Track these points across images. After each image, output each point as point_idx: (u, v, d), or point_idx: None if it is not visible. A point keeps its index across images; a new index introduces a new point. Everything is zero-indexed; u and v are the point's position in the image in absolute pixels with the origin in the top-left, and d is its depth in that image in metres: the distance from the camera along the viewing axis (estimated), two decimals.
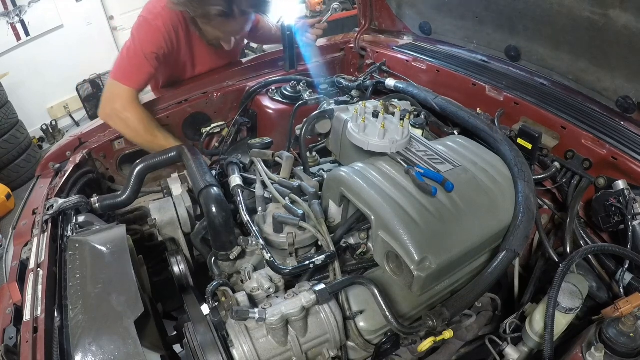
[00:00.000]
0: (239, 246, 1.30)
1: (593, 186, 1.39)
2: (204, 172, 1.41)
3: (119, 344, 0.95)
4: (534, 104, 1.59)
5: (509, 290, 1.36)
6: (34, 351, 0.97)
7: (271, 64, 2.32)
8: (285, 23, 2.21)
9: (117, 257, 1.16)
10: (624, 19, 1.32)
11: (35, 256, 1.23)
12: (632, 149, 1.34)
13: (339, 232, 1.24)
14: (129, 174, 1.54)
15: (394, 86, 1.92)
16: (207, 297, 1.10)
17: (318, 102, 1.93)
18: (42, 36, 5.02)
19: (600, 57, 1.48)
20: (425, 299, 1.19)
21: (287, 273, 1.17)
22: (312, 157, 1.63)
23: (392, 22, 2.32)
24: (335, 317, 1.10)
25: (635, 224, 1.24)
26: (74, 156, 1.80)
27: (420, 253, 1.02)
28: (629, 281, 1.22)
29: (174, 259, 1.40)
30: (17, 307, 1.11)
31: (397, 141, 1.28)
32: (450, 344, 1.28)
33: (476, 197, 1.19)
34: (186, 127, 2.10)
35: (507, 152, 1.34)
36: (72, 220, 1.39)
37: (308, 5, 5.48)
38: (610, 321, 0.98)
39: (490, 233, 1.16)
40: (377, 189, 1.16)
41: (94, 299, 1.05)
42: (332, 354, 1.12)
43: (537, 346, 1.14)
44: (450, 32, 2.05)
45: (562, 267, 1.11)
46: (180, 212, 1.47)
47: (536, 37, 1.66)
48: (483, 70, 1.86)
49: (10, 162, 4.25)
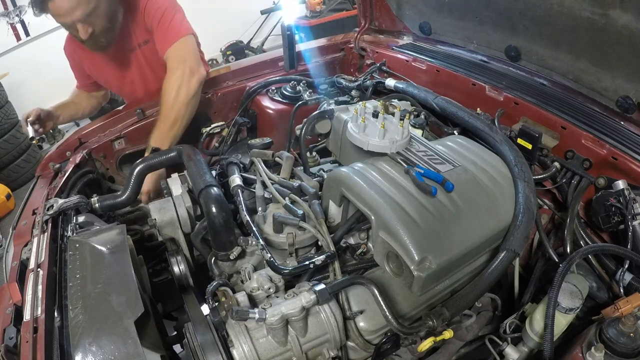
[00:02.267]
0: (239, 246, 1.30)
1: (593, 186, 1.39)
2: (204, 172, 1.41)
3: (119, 344, 0.95)
4: (534, 104, 1.59)
5: (509, 290, 1.36)
6: (34, 351, 0.97)
7: (271, 64, 2.32)
8: (285, 23, 2.21)
9: (117, 257, 1.16)
10: (624, 19, 1.32)
11: (35, 256, 1.23)
12: (632, 149, 1.34)
13: (339, 232, 1.24)
14: (129, 174, 1.53)
15: (394, 86, 1.92)
16: (207, 297, 1.10)
17: (318, 102, 1.93)
18: (42, 36, 5.01)
19: (600, 57, 1.48)
20: (425, 299, 1.19)
21: (287, 273, 1.17)
22: (312, 157, 1.63)
23: (392, 22, 2.32)
24: (335, 317, 1.10)
25: (635, 224, 1.24)
26: (74, 156, 1.81)
27: (420, 253, 1.02)
28: (629, 281, 1.22)
29: (174, 259, 1.40)
30: (17, 307, 1.11)
31: (397, 141, 1.28)
32: (450, 344, 1.28)
33: (476, 197, 1.19)
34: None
35: (507, 152, 1.33)
36: (72, 221, 1.39)
37: (308, 5, 5.48)
38: (610, 321, 0.98)
39: (490, 233, 1.16)
40: (377, 189, 1.16)
41: (94, 299, 1.05)
42: (332, 354, 1.12)
43: (537, 346, 1.14)
44: (450, 32, 2.05)
45: (562, 267, 1.11)
46: (180, 212, 1.47)
47: (536, 37, 1.66)
48: (483, 70, 1.86)
49: (10, 162, 4.24)
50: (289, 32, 2.18)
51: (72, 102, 2.27)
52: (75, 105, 2.27)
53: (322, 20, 5.26)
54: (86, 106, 2.32)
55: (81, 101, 2.30)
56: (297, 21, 5.21)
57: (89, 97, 2.32)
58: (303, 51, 2.35)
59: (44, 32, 5.02)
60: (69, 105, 2.24)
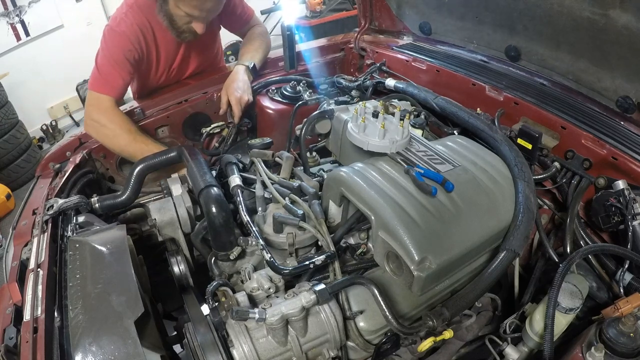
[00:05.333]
0: (239, 246, 1.30)
1: (593, 186, 1.39)
2: (204, 172, 1.41)
3: (119, 344, 0.95)
4: (534, 104, 1.59)
5: (509, 290, 1.36)
6: (34, 351, 0.97)
7: (271, 64, 2.32)
8: (285, 23, 2.21)
9: (117, 257, 1.16)
10: (624, 19, 1.32)
11: (35, 256, 1.23)
12: (632, 149, 1.34)
13: (339, 232, 1.24)
14: (129, 174, 1.54)
15: (394, 86, 1.92)
16: (207, 297, 1.10)
17: (318, 102, 1.93)
18: (42, 36, 5.01)
19: (600, 57, 1.48)
20: (425, 299, 1.19)
21: (287, 273, 1.17)
22: (312, 157, 1.63)
23: (392, 22, 2.32)
24: (335, 317, 1.10)
25: (635, 224, 1.24)
26: (74, 156, 1.80)
27: (420, 253, 1.02)
28: (629, 281, 1.22)
29: (174, 259, 1.41)
30: (17, 307, 1.11)
31: (397, 141, 1.28)
32: (450, 344, 1.28)
33: (476, 197, 1.19)
34: (186, 127, 2.10)
35: (507, 152, 1.33)
36: (72, 221, 1.39)
37: (308, 5, 5.48)
38: (610, 321, 0.98)
39: (490, 233, 1.16)
40: (377, 189, 1.16)
41: (94, 299, 1.05)
42: (332, 354, 1.12)
43: (537, 346, 1.14)
44: (450, 32, 2.05)
45: (562, 267, 1.11)
46: (180, 212, 1.47)
47: (536, 37, 1.66)
48: (483, 70, 1.86)
49: (10, 162, 4.24)
50: (289, 32, 2.17)
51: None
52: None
53: (322, 20, 5.26)
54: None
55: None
56: (297, 21, 5.21)
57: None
58: (303, 51, 2.35)
59: (44, 32, 5.02)
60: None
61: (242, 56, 2.17)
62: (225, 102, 1.98)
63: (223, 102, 1.98)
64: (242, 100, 1.94)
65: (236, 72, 2.03)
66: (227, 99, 1.96)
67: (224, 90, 1.99)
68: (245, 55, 2.15)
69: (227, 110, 2.00)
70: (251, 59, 2.12)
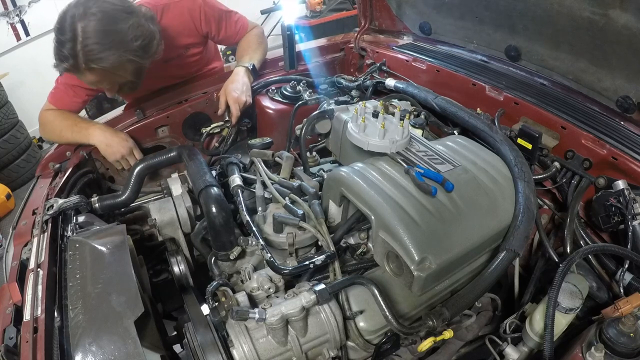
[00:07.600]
0: (239, 246, 1.30)
1: (593, 186, 1.39)
2: (204, 172, 1.41)
3: (119, 344, 0.95)
4: (534, 104, 1.59)
5: (509, 290, 1.36)
6: (34, 351, 0.97)
7: (271, 64, 2.32)
8: (285, 23, 2.21)
9: (117, 257, 1.17)
10: (624, 19, 1.32)
11: (35, 256, 1.23)
12: (632, 149, 1.34)
13: (339, 232, 1.24)
14: (129, 174, 1.54)
15: (394, 86, 1.92)
16: (207, 297, 1.10)
17: (318, 102, 1.93)
18: (42, 36, 5.01)
19: (600, 57, 1.47)
20: (425, 299, 1.19)
21: (287, 273, 1.17)
22: (312, 157, 1.63)
23: (392, 22, 2.31)
24: (335, 317, 1.10)
25: (635, 224, 1.24)
26: (74, 156, 1.80)
27: (420, 253, 1.02)
28: (629, 281, 1.22)
29: (174, 259, 1.41)
30: (17, 307, 1.11)
31: (397, 141, 1.28)
32: (450, 344, 1.28)
33: (476, 197, 1.19)
34: (186, 127, 2.10)
35: (507, 152, 1.33)
36: (72, 220, 1.39)
37: (308, 5, 5.48)
38: (610, 321, 0.98)
39: (490, 233, 1.16)
40: (377, 189, 1.16)
41: (94, 299, 1.05)
42: (332, 354, 1.12)
43: (537, 346, 1.14)
44: (450, 32, 2.05)
45: (562, 267, 1.11)
46: (180, 212, 1.47)
47: (536, 37, 1.66)
48: (483, 70, 1.86)
49: (10, 162, 4.24)
50: (289, 32, 2.17)
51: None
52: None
53: (322, 20, 5.25)
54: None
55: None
56: (297, 21, 5.20)
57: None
58: (303, 51, 2.35)
59: (44, 32, 5.01)
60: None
61: (240, 57, 2.16)
62: (223, 102, 1.98)
63: (221, 103, 1.98)
64: (240, 102, 1.94)
65: (236, 74, 2.03)
66: (226, 100, 1.97)
67: (222, 91, 1.99)
68: (244, 57, 2.14)
69: (225, 111, 2.00)
70: (250, 59, 2.11)
